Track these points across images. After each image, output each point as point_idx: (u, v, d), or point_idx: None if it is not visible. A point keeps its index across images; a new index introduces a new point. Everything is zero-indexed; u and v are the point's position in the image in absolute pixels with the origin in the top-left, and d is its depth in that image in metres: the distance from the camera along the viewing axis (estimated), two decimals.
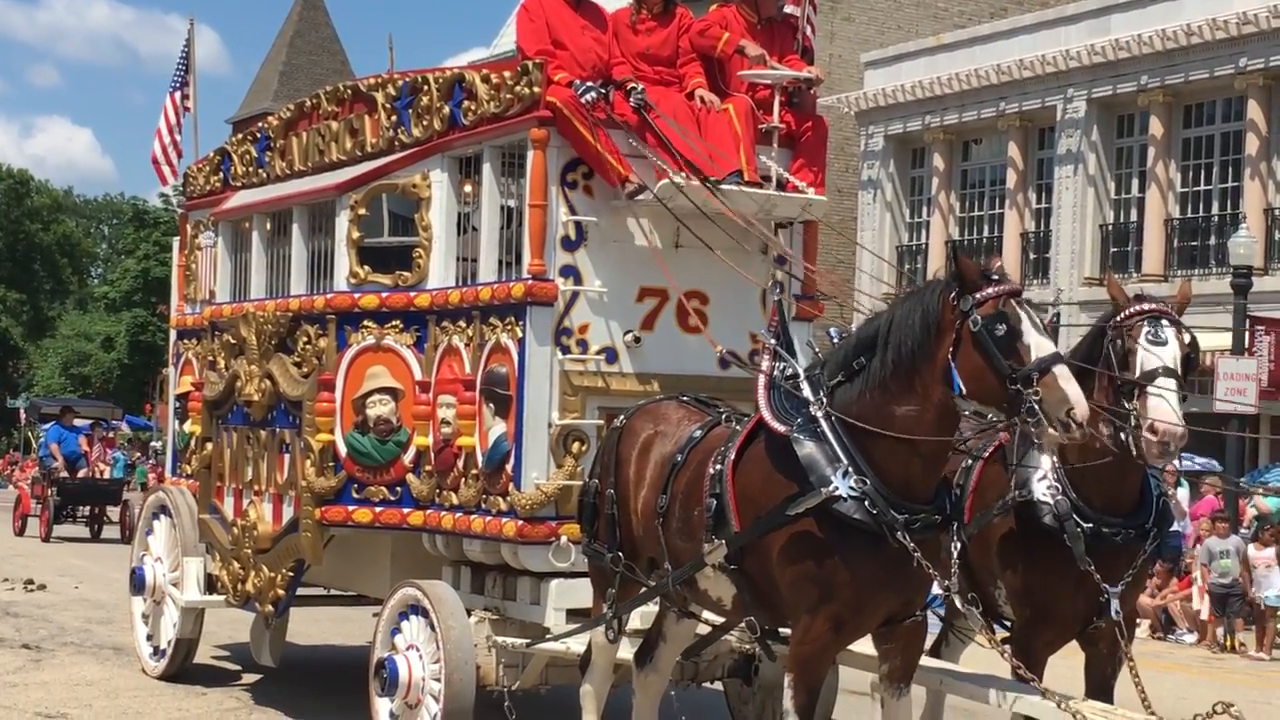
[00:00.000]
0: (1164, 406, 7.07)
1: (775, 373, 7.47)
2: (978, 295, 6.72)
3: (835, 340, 7.85)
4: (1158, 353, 7.18)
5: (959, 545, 7.41)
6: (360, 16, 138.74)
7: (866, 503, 6.91)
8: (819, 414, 7.12)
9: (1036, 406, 6.52)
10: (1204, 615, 19.49)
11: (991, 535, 7.67)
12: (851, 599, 7.03)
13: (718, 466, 7.47)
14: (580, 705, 8.59)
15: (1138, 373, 7.18)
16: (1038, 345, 6.63)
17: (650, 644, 8.58)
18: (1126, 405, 7.18)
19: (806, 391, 7.25)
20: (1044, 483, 7.52)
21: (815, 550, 7.02)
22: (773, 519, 7.11)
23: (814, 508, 6.96)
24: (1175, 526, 17.91)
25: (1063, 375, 6.57)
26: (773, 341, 7.69)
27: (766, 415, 7.31)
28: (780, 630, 7.71)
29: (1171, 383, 7.15)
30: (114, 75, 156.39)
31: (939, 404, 6.87)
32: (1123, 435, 7.24)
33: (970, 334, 6.70)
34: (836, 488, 6.92)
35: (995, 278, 6.82)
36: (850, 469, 6.96)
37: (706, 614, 8.65)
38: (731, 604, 7.66)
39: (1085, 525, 7.43)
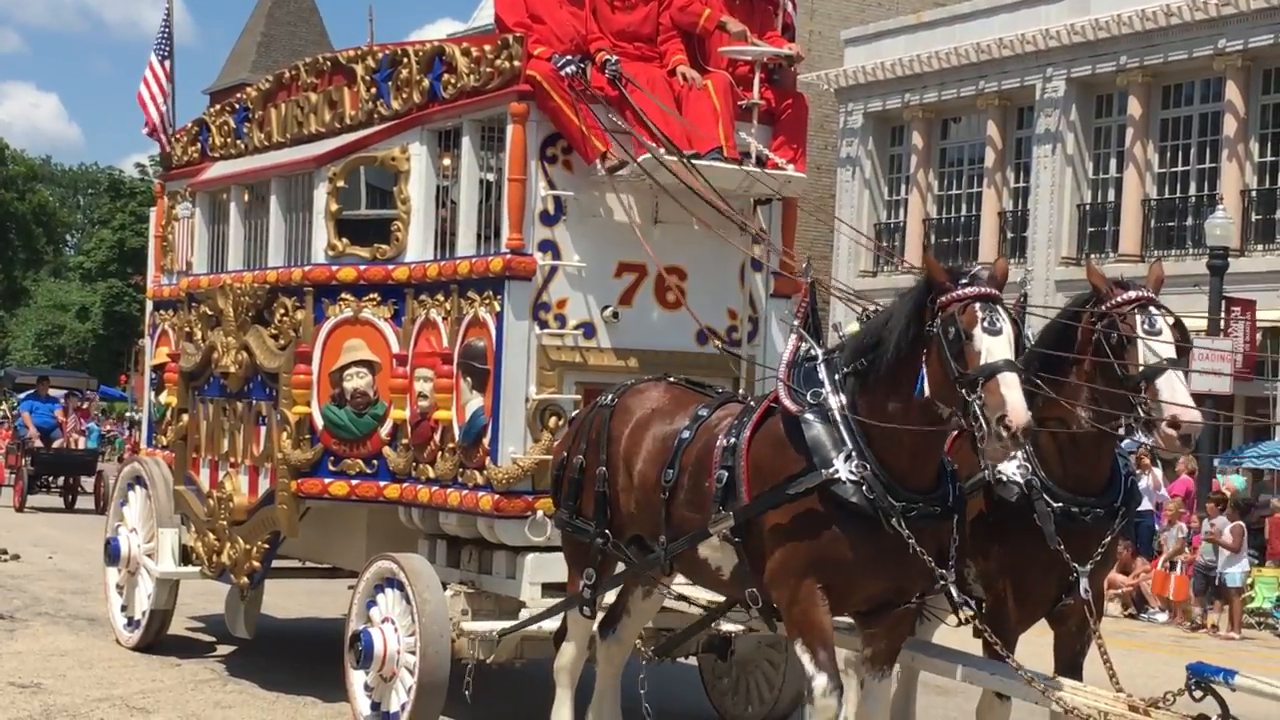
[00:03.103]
0: (1179, 399, 7.02)
1: (800, 353, 7.51)
2: (942, 298, 6.77)
3: (865, 320, 7.86)
4: (1158, 343, 7.13)
5: (957, 539, 7.40)
6: None
7: (864, 487, 6.95)
8: (831, 399, 7.17)
9: (978, 411, 6.51)
10: (1173, 595, 19.62)
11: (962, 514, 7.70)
12: (841, 574, 7.10)
13: (732, 440, 7.49)
14: (555, 680, 8.63)
15: (1139, 366, 7.10)
16: (988, 350, 6.59)
17: (614, 617, 8.62)
18: (1131, 397, 7.15)
19: (823, 375, 7.29)
20: (1014, 462, 7.54)
21: (813, 527, 7.10)
22: (775, 496, 7.19)
23: (815, 487, 7.02)
24: (1144, 506, 18.07)
25: (1005, 382, 6.49)
26: (796, 322, 7.73)
27: (782, 394, 7.36)
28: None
29: (1179, 374, 7.13)
30: (79, 42, 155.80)
31: (921, 403, 6.91)
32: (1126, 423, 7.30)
33: (934, 337, 6.75)
34: (837, 470, 6.98)
35: (965, 280, 6.83)
36: (854, 453, 7.01)
37: (694, 595, 8.72)
38: (730, 574, 7.66)
39: (1055, 505, 7.44)
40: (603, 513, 8.23)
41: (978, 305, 6.70)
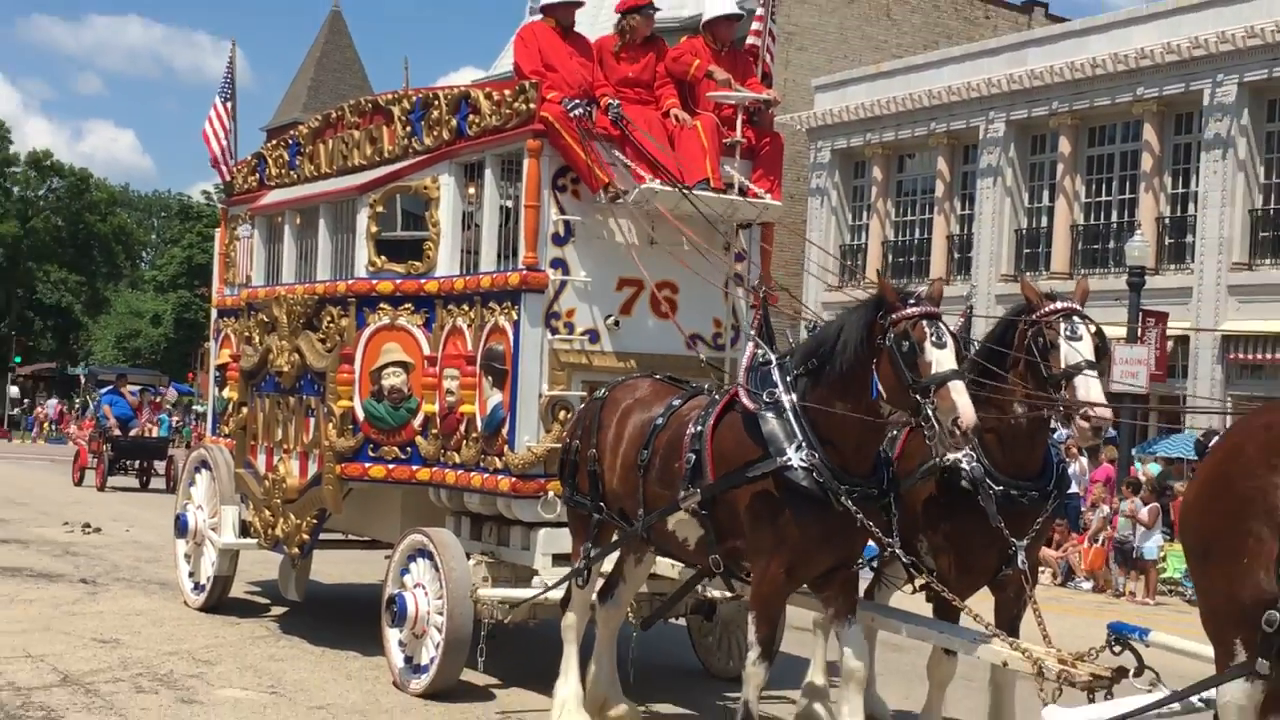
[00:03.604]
0: (1093, 395, 7.09)
1: (756, 358, 7.58)
2: (893, 316, 6.84)
3: (809, 332, 7.96)
4: (1078, 347, 7.17)
5: (896, 514, 7.45)
6: (376, 39, 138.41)
7: (814, 473, 7.04)
8: (784, 397, 7.25)
9: (931, 414, 6.63)
10: (1097, 566, 19.63)
11: (916, 496, 7.70)
12: (800, 550, 7.19)
13: (698, 428, 7.58)
14: (562, 636, 8.64)
15: (1061, 365, 7.16)
16: (938, 361, 6.70)
17: (612, 584, 8.64)
18: (1054, 393, 7.17)
19: (776, 377, 7.37)
20: (961, 451, 7.56)
21: (770, 508, 7.18)
22: (736, 477, 7.28)
23: (770, 472, 7.12)
24: (1073, 489, 18.05)
25: (955, 389, 6.64)
26: (752, 332, 7.85)
27: (742, 393, 7.44)
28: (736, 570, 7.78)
29: (1095, 374, 7.16)
30: (152, 85, 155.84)
31: (868, 402, 7.02)
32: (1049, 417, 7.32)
33: (885, 349, 6.83)
34: (789, 459, 7.07)
35: (913, 301, 6.91)
36: (803, 444, 7.09)
37: (668, 563, 8.74)
38: (695, 545, 7.75)
39: (997, 488, 7.47)
40: (595, 488, 8.29)
41: (925, 322, 6.78)
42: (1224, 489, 5.45)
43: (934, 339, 6.74)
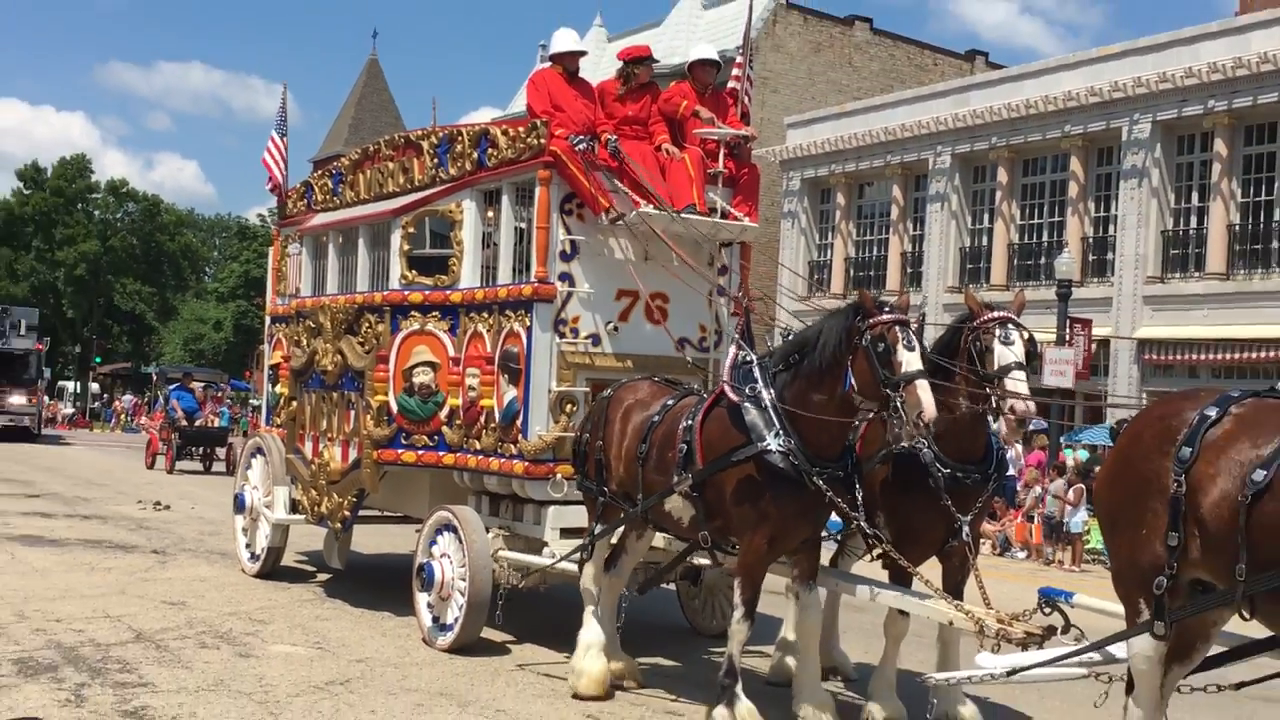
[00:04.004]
0: (1020, 392, 7.09)
1: (739, 358, 7.60)
2: (870, 320, 6.85)
3: (786, 338, 7.97)
4: (1010, 350, 7.19)
5: (861, 492, 7.45)
6: (409, 80, 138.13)
7: (790, 457, 7.05)
8: (763, 392, 7.25)
9: (899, 406, 6.66)
10: (1033, 540, 19.64)
11: (875, 477, 7.70)
12: (779, 524, 7.19)
13: (689, 422, 7.60)
14: (582, 595, 8.58)
15: (995, 366, 7.17)
16: (908, 362, 6.73)
17: (615, 555, 8.61)
18: (990, 390, 7.18)
19: (757, 374, 7.39)
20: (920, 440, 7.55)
21: (753, 488, 7.19)
22: (722, 462, 7.29)
23: (751, 456, 7.13)
24: (1010, 472, 18.06)
25: (921, 387, 6.67)
26: (736, 336, 7.88)
27: (727, 389, 7.45)
28: (723, 543, 7.78)
29: (1023, 373, 7.18)
30: (213, 122, 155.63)
31: (841, 396, 7.02)
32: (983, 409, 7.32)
33: (862, 348, 6.83)
34: (768, 445, 7.09)
35: (888, 309, 6.93)
36: (780, 431, 7.10)
37: (663, 539, 8.73)
38: (688, 522, 7.76)
39: (945, 471, 7.48)
40: (601, 475, 8.27)
41: (898, 328, 6.80)
42: (1126, 470, 5.48)
43: (905, 342, 6.78)
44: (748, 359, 7.55)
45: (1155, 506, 5.22)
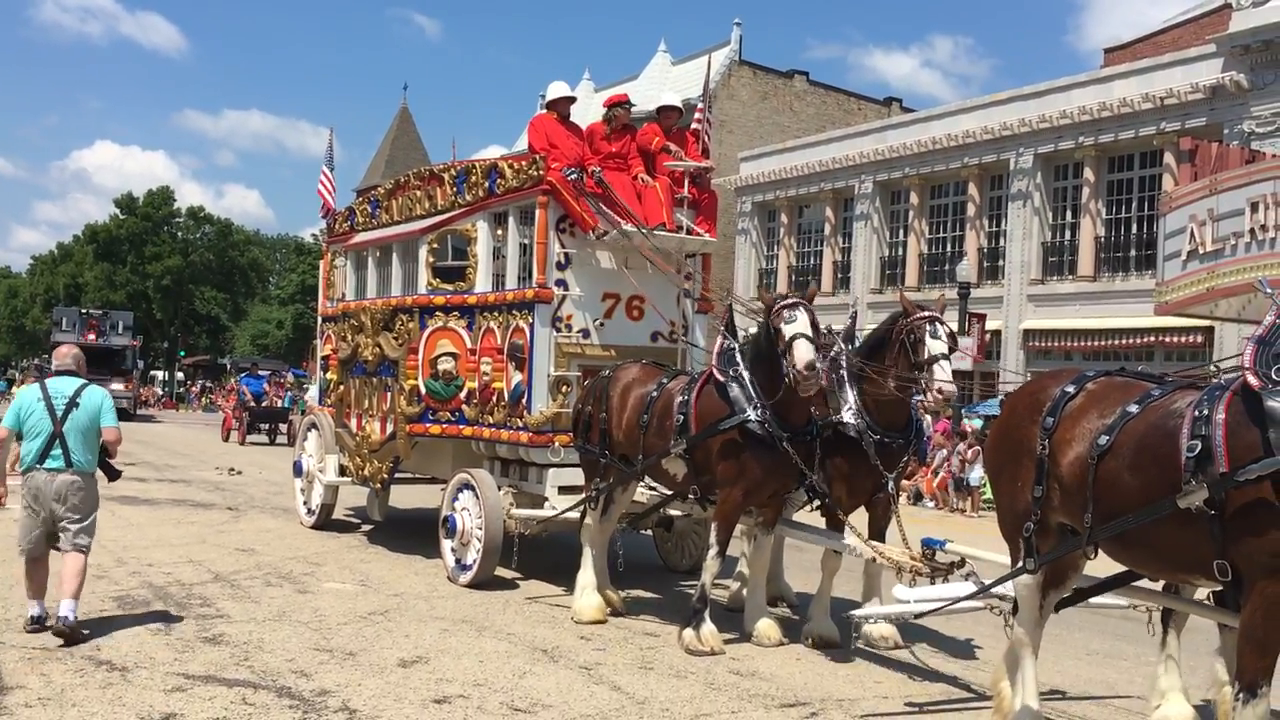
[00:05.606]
0: (945, 376, 7.13)
1: (724, 345, 7.63)
2: (772, 309, 7.08)
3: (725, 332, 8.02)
4: (939, 342, 7.23)
5: (819, 455, 7.48)
6: (431, 125, 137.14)
7: (765, 425, 7.12)
8: (744, 372, 7.34)
9: (785, 363, 6.90)
10: (939, 489, 19.71)
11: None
12: (753, 479, 7.25)
13: (685, 397, 7.62)
14: (581, 540, 8.54)
15: (926, 355, 7.20)
16: (791, 331, 6.89)
17: (606, 505, 8.60)
18: (919, 375, 7.22)
19: (738, 358, 7.47)
20: (850, 411, 7.59)
21: (735, 450, 7.23)
22: (711, 430, 7.34)
23: (735, 425, 7.19)
24: (926, 436, 18.10)
25: (798, 345, 6.85)
26: (722, 328, 7.91)
27: (715, 370, 7.50)
28: (707, 495, 7.78)
29: (948, 362, 7.21)
30: (271, 159, 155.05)
31: (780, 370, 7.07)
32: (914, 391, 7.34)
33: (773, 330, 7.06)
34: (748, 415, 7.15)
35: (783, 300, 7.11)
36: (758, 405, 7.16)
37: (643, 489, 8.72)
38: (680, 478, 7.79)
39: (875, 437, 7.50)
40: (603, 441, 8.24)
41: (783, 307, 7.03)
42: (1006, 436, 5.51)
43: (786, 318, 6.99)
44: (731, 346, 7.61)
45: (1026, 464, 5.26)
